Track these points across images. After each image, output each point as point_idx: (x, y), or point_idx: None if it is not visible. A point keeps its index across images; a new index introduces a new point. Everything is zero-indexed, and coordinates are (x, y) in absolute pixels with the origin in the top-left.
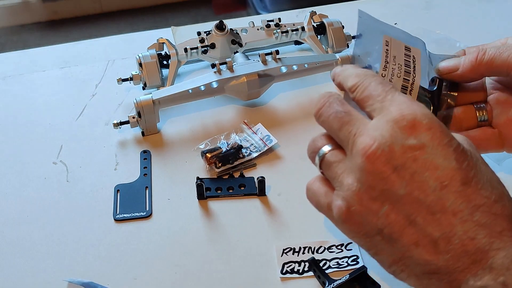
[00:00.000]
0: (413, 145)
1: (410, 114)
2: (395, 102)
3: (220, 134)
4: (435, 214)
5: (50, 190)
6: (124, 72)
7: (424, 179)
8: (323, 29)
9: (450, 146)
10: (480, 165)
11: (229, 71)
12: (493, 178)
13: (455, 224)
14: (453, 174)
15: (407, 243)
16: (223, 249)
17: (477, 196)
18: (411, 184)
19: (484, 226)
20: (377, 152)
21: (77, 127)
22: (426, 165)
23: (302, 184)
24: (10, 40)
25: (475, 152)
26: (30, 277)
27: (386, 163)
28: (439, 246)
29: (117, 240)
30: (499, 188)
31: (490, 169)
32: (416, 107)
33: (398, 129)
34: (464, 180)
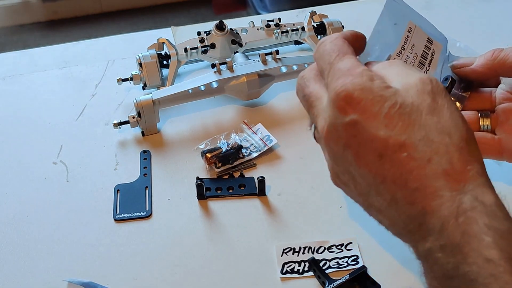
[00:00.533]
0: (349, 122)
1: (343, 91)
2: (334, 76)
3: (220, 134)
4: (378, 185)
5: (50, 190)
6: (124, 72)
7: (365, 153)
8: (323, 29)
9: (379, 113)
10: (419, 119)
11: (229, 71)
12: (432, 130)
13: (396, 191)
14: (385, 143)
15: (371, 212)
16: (223, 249)
17: (409, 160)
18: (357, 160)
19: (418, 190)
20: (329, 134)
21: (77, 127)
22: (363, 139)
23: (302, 184)
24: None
25: (420, 102)
26: (30, 277)
27: (337, 143)
28: (391, 211)
29: (117, 240)
30: (438, 141)
31: (434, 118)
32: (348, 79)
33: (336, 109)
34: (395, 147)
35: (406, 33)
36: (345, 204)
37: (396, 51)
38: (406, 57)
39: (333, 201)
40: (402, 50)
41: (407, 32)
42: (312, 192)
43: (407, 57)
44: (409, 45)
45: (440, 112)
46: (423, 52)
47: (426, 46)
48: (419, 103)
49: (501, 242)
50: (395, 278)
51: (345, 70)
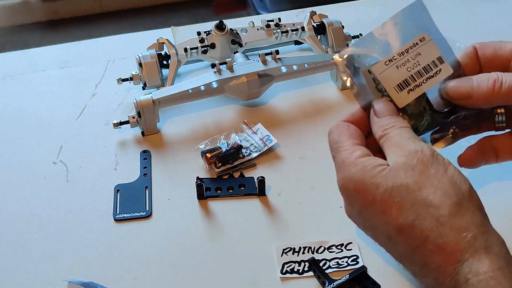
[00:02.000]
0: (357, 212)
1: (341, 185)
2: (336, 169)
3: (220, 134)
4: (399, 260)
5: (50, 190)
6: (124, 72)
7: (378, 235)
8: (323, 29)
9: (375, 201)
10: (412, 198)
11: (229, 71)
12: (422, 206)
13: (410, 266)
14: (387, 226)
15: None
16: (223, 249)
17: (410, 240)
18: (376, 239)
19: (425, 266)
20: (348, 214)
21: (77, 127)
22: (371, 224)
23: (302, 184)
24: (10, 40)
25: (408, 181)
26: (30, 277)
27: (358, 224)
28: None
29: (117, 240)
30: (428, 217)
31: (423, 193)
32: (344, 173)
33: (344, 199)
34: (395, 230)
35: (417, 40)
36: None
37: (397, 51)
38: (406, 61)
39: (333, 201)
40: (405, 52)
41: (418, 39)
42: (312, 192)
43: (407, 61)
44: (414, 51)
45: (428, 184)
46: (427, 66)
47: (433, 62)
48: (408, 182)
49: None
50: (395, 278)
51: (341, 163)
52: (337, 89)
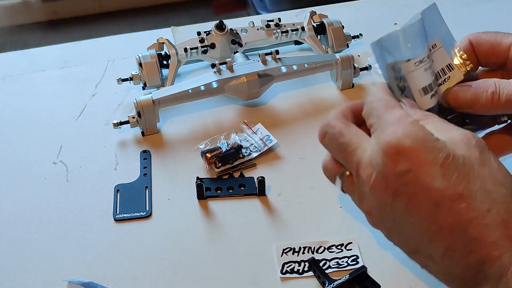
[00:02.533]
0: (401, 172)
1: (394, 139)
2: (384, 127)
3: (220, 134)
4: (436, 233)
5: (50, 190)
6: (124, 72)
7: (419, 201)
8: (323, 29)
9: (435, 163)
10: (473, 170)
11: (229, 71)
12: (487, 181)
13: (454, 241)
14: (442, 193)
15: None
16: (223, 249)
17: (468, 210)
18: (409, 208)
19: (477, 240)
20: (377, 181)
21: (77, 127)
22: (416, 188)
23: (302, 184)
24: (10, 40)
25: (472, 153)
26: (30, 277)
27: (386, 190)
28: (447, 260)
29: (117, 240)
30: (494, 191)
31: (488, 168)
32: (399, 129)
33: (387, 158)
34: (453, 197)
35: (430, 47)
36: (345, 204)
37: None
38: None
39: (333, 201)
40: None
41: (431, 46)
42: (312, 192)
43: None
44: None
45: (489, 164)
46: (438, 74)
47: (443, 70)
48: (469, 155)
49: None
50: (395, 278)
51: (395, 120)
52: (337, 89)
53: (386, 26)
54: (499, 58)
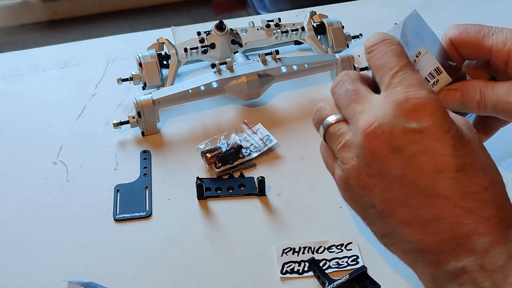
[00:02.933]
0: (414, 129)
1: (415, 98)
2: (404, 82)
3: (220, 134)
4: (428, 197)
5: (50, 190)
6: (124, 72)
7: (421, 162)
8: (323, 29)
9: (449, 132)
10: (477, 151)
11: (229, 71)
12: (488, 164)
13: (446, 209)
14: (449, 160)
15: (398, 221)
16: (223, 249)
17: (469, 183)
18: (409, 166)
19: (472, 212)
20: (377, 131)
21: (77, 127)
22: (424, 149)
23: (302, 184)
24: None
25: (474, 137)
26: (30, 277)
27: (385, 143)
28: (429, 228)
29: (117, 240)
30: (492, 175)
31: (486, 154)
32: (422, 91)
33: (402, 112)
34: (459, 167)
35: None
36: (345, 204)
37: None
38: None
39: (333, 201)
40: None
41: (415, 56)
42: (312, 192)
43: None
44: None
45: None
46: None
47: (431, 74)
48: (472, 137)
49: None
50: (395, 278)
51: (416, 82)
52: None
53: (386, 26)
54: (482, 58)
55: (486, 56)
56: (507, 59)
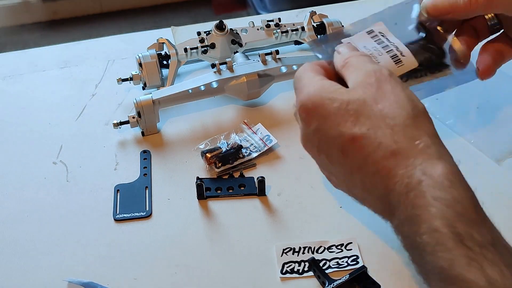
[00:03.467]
0: (313, 130)
1: (301, 104)
2: (296, 93)
3: (220, 134)
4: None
5: (50, 190)
6: (124, 72)
7: (332, 152)
8: (323, 29)
9: (331, 114)
10: (365, 111)
11: (229, 71)
12: (379, 118)
13: (362, 178)
14: (341, 138)
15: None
16: (223, 249)
17: (362, 148)
18: (329, 159)
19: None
20: (304, 142)
21: (77, 127)
22: (327, 140)
23: (302, 184)
24: (10, 40)
25: (364, 95)
26: (30, 277)
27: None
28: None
29: (117, 240)
30: (382, 126)
31: (380, 105)
32: (304, 92)
33: (302, 121)
34: (349, 140)
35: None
36: (345, 204)
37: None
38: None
39: (333, 201)
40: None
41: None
42: (312, 192)
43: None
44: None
45: (385, 98)
46: (376, 41)
47: (372, 38)
48: (365, 96)
49: (446, 211)
50: (395, 278)
51: (302, 85)
52: None
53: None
54: None
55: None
56: None
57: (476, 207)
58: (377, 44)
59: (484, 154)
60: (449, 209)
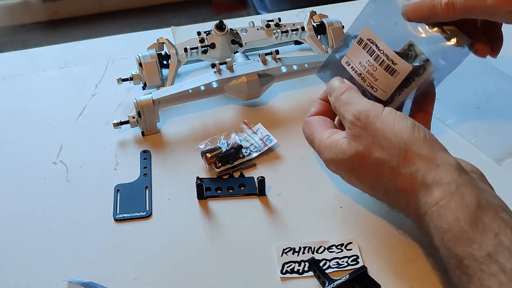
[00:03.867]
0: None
1: (326, 164)
2: (318, 153)
3: (220, 134)
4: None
5: (50, 190)
6: (124, 72)
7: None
8: (323, 29)
9: (348, 170)
10: (369, 160)
11: (229, 71)
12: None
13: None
14: (365, 186)
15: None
16: (223, 249)
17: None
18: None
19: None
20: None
21: (77, 127)
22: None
23: (302, 184)
24: (10, 40)
25: (362, 142)
26: (30, 277)
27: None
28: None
29: (117, 240)
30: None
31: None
32: (323, 155)
33: (336, 172)
34: (369, 187)
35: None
36: (345, 204)
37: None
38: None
39: (333, 201)
40: (360, 75)
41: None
42: (312, 192)
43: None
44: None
45: (376, 145)
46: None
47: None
48: (360, 149)
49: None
50: (395, 278)
51: (318, 150)
52: None
53: None
54: None
55: None
56: None
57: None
58: (370, 56)
59: (484, 154)
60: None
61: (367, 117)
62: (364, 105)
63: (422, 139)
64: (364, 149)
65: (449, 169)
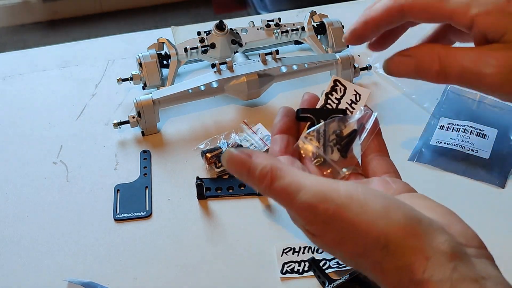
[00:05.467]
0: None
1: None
2: None
3: (220, 134)
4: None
5: (50, 190)
6: (124, 72)
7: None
8: (323, 29)
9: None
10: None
11: (229, 71)
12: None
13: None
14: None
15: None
16: (223, 249)
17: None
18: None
19: None
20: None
21: (77, 127)
22: None
23: None
24: (10, 40)
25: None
26: (30, 277)
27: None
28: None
29: (117, 240)
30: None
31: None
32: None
33: None
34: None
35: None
36: None
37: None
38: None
39: None
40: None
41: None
42: None
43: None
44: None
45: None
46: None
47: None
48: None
49: None
50: None
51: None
52: None
53: None
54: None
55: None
56: (470, 23)
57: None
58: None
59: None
60: None
61: (326, 209)
62: (314, 189)
63: (403, 223)
64: (334, 243)
65: (442, 262)
